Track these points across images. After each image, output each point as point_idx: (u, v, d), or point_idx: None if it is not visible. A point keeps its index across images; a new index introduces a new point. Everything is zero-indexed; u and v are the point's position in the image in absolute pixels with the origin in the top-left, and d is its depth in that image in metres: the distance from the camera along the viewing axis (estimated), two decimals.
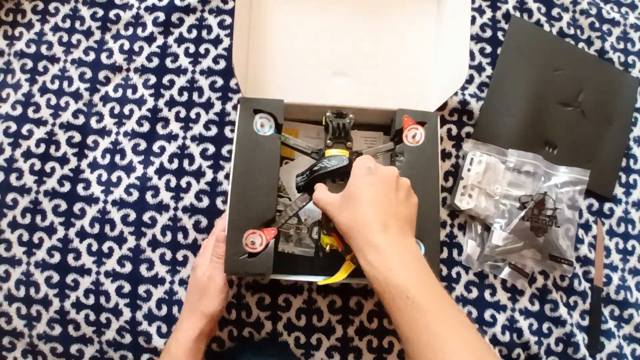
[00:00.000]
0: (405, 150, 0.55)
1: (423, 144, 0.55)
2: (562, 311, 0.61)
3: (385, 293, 0.36)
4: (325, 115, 0.53)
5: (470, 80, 0.67)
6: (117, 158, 0.62)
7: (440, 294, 0.37)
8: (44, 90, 0.64)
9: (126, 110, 0.63)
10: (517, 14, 0.69)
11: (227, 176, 0.61)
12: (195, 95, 0.64)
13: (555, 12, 0.70)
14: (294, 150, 0.55)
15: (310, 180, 0.49)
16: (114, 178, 0.61)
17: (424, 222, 0.51)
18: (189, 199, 0.61)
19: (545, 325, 0.61)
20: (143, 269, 0.59)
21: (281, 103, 0.54)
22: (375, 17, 0.63)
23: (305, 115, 0.62)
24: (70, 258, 0.59)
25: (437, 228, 0.53)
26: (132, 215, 0.60)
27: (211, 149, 0.62)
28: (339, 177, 0.48)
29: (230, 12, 0.66)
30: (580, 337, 0.61)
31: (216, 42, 0.65)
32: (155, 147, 0.62)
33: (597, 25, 0.71)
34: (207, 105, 0.63)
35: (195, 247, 0.60)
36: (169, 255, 0.60)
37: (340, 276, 0.46)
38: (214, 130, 0.63)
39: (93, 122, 0.63)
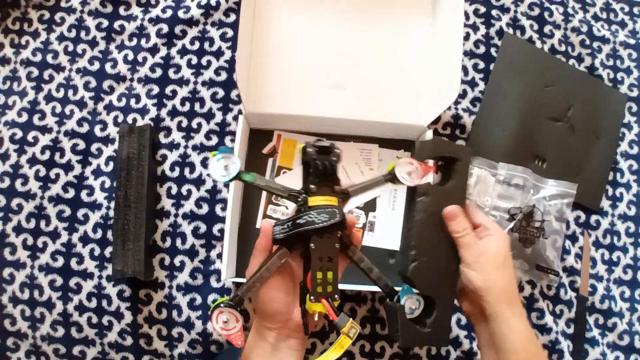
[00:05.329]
0: (430, 191, 0.46)
1: (451, 184, 0.47)
2: (548, 319, 0.64)
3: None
4: (304, 148, 0.42)
5: (463, 95, 0.69)
6: None
7: None
8: (49, 98, 0.65)
9: (129, 120, 0.65)
10: (510, 30, 0.72)
11: (226, 185, 0.63)
12: (197, 106, 0.66)
13: (547, 29, 0.73)
14: (267, 192, 0.46)
15: (292, 235, 0.40)
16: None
17: (444, 273, 0.46)
18: (189, 205, 0.63)
19: None
20: None
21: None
22: (372, 32, 0.65)
23: (304, 126, 0.64)
24: (73, 262, 0.61)
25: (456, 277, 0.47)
26: None
27: None
28: (327, 233, 0.40)
29: (232, 25, 0.68)
30: (565, 345, 0.64)
31: (218, 54, 0.67)
32: (158, 156, 0.64)
33: (587, 42, 0.73)
34: (209, 116, 0.65)
35: (192, 253, 0.62)
36: (167, 261, 0.62)
37: (334, 355, 0.39)
38: (214, 140, 0.65)
39: (97, 130, 0.65)
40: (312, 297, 0.40)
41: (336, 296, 0.40)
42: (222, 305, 0.39)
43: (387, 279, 0.44)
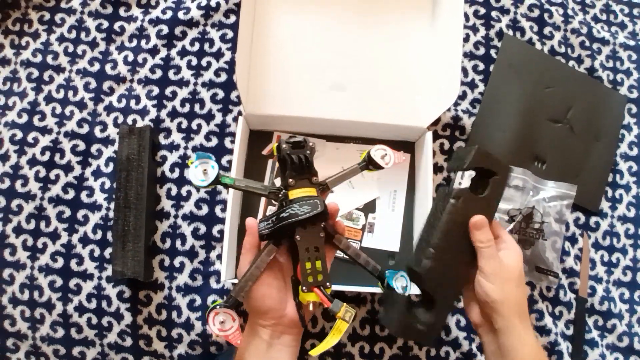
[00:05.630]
0: (464, 196, 0.46)
1: (485, 195, 0.47)
2: (547, 321, 0.64)
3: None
4: (278, 146, 0.43)
5: (463, 96, 0.69)
6: None
7: None
8: (49, 99, 0.65)
9: (129, 121, 0.65)
10: (510, 32, 0.72)
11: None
12: (196, 107, 0.66)
13: (547, 30, 0.73)
14: (247, 193, 0.46)
15: (277, 229, 0.41)
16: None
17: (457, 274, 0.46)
18: (189, 206, 0.63)
19: None
20: None
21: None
22: (372, 33, 0.66)
23: (304, 128, 0.64)
24: (73, 263, 0.61)
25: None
26: None
27: None
28: (310, 223, 0.41)
29: (232, 26, 0.68)
30: (564, 346, 0.64)
31: (218, 55, 0.67)
32: (158, 157, 0.64)
33: (587, 44, 0.73)
34: (208, 117, 0.65)
35: (192, 254, 0.62)
36: (167, 262, 0.62)
37: (333, 340, 0.40)
38: (214, 141, 0.65)
39: (97, 131, 0.65)
40: (304, 288, 0.40)
41: (327, 284, 0.41)
42: (217, 307, 0.40)
43: (375, 263, 0.45)
